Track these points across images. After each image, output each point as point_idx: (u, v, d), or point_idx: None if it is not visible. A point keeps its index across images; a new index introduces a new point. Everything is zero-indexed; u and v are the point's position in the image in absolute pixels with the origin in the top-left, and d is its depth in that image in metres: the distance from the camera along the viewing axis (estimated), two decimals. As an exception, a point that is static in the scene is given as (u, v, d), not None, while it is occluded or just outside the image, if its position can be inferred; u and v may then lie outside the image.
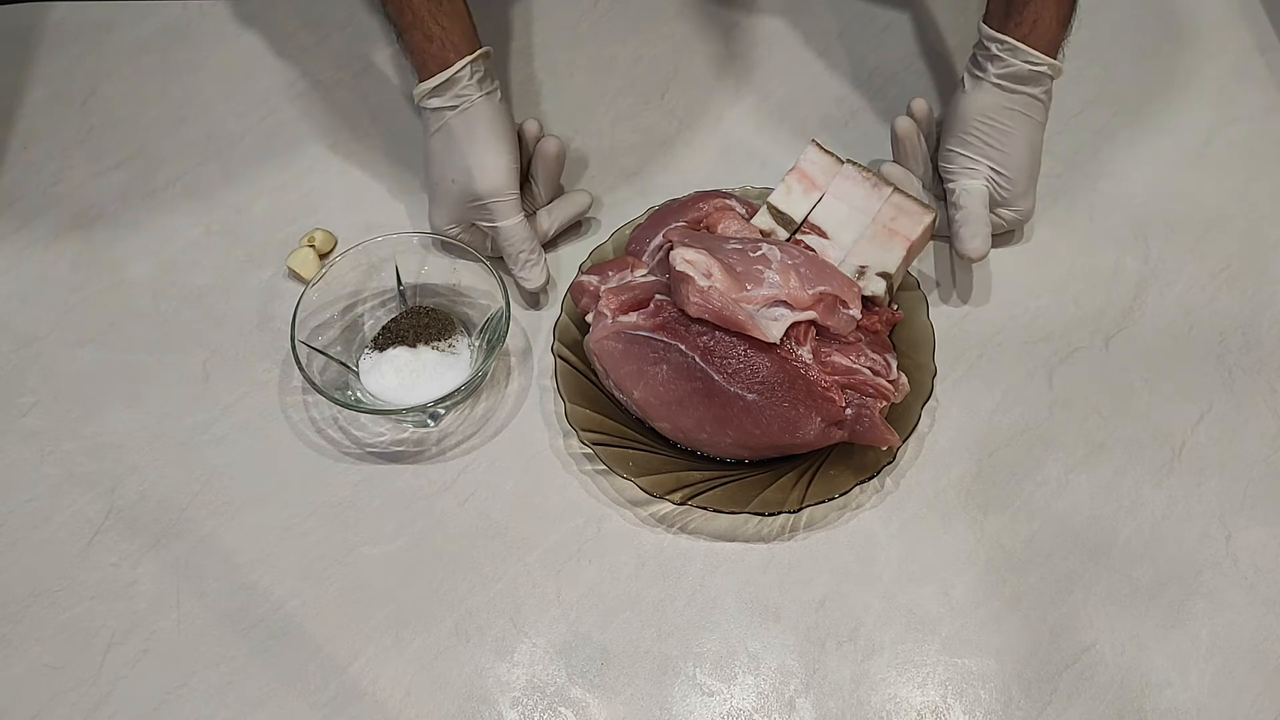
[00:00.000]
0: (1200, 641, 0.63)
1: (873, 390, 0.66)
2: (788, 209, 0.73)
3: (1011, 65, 0.71)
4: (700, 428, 0.67)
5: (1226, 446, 0.70)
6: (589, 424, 0.69)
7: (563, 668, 0.64)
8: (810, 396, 0.65)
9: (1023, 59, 0.71)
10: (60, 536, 0.69)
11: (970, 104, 0.73)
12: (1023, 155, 0.73)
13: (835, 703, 0.63)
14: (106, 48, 0.93)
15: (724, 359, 0.65)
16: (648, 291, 0.69)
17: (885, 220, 0.72)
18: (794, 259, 0.68)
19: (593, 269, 0.73)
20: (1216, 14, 0.91)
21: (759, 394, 0.65)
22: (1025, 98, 0.72)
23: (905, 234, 0.72)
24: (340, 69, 0.91)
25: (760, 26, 0.92)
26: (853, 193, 0.74)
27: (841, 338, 0.67)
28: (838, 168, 0.75)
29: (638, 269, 0.72)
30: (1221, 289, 0.76)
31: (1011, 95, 0.72)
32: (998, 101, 0.72)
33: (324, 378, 0.70)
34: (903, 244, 0.71)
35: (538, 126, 0.79)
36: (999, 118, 0.73)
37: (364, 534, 0.69)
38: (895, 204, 0.73)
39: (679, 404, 0.67)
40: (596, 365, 0.70)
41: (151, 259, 0.81)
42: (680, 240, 0.68)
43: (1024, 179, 0.74)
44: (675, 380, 0.66)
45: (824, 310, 0.66)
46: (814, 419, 0.65)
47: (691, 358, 0.65)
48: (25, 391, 0.75)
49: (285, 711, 0.63)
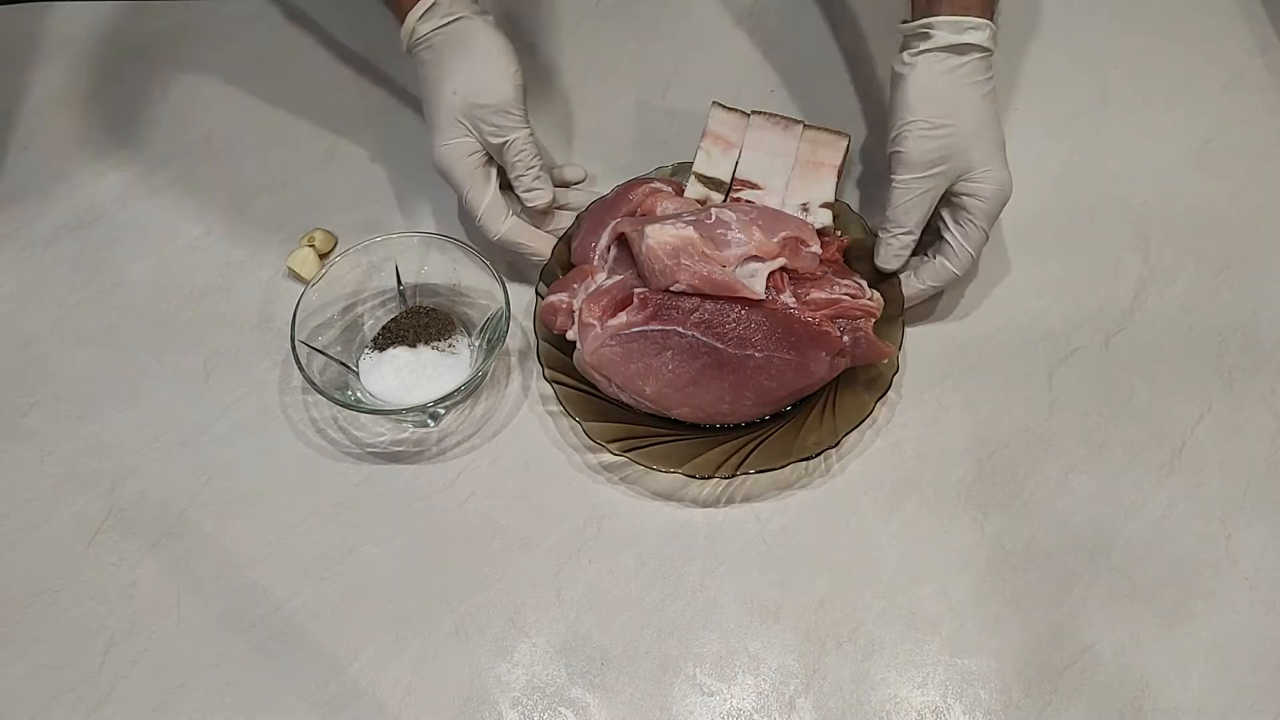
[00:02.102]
0: (1200, 641, 0.63)
1: (859, 311, 0.68)
2: (713, 173, 0.76)
3: (944, 37, 0.67)
4: (720, 400, 0.67)
5: (1226, 446, 0.70)
6: (615, 434, 0.68)
7: (563, 668, 0.64)
8: (810, 336, 0.67)
9: (954, 30, 0.67)
10: (60, 536, 0.69)
11: (903, 87, 0.69)
12: (971, 123, 0.69)
13: (835, 703, 0.63)
14: (106, 48, 0.93)
15: (722, 326, 0.66)
16: (624, 290, 0.69)
17: (807, 156, 0.76)
18: (749, 214, 0.70)
19: (555, 288, 0.72)
20: (1216, 15, 0.91)
21: (764, 349, 0.66)
22: (966, 66, 0.68)
23: (830, 162, 0.75)
24: (340, 69, 0.91)
25: (761, 27, 0.92)
26: (768, 140, 0.77)
27: (810, 274, 0.69)
28: (745, 120, 0.77)
29: (597, 275, 0.72)
30: (1221, 289, 0.76)
31: (947, 69, 0.68)
32: (930, 77, 0.68)
33: (324, 378, 0.70)
34: (831, 172, 0.75)
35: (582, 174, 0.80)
36: (936, 90, 0.68)
37: (364, 534, 0.69)
38: (810, 139, 0.76)
39: (693, 384, 0.67)
40: (595, 376, 0.69)
41: (151, 259, 0.81)
42: (638, 226, 0.68)
43: (979, 145, 0.69)
44: (683, 362, 0.67)
45: (790, 254, 0.69)
46: (820, 355, 0.67)
47: (692, 335, 0.66)
48: (25, 392, 0.75)
49: (285, 711, 0.63)
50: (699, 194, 0.75)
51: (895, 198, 0.70)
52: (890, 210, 0.71)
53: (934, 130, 0.68)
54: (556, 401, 0.70)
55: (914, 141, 0.69)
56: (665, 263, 0.66)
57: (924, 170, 0.69)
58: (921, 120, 0.68)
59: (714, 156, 0.76)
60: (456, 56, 0.72)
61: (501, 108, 0.72)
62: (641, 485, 0.70)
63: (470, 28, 0.73)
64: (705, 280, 0.66)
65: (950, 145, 0.69)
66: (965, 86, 0.69)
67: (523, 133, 0.73)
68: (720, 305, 0.66)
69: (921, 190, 0.69)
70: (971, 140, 0.69)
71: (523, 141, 0.73)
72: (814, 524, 0.68)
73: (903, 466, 0.70)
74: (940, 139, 0.68)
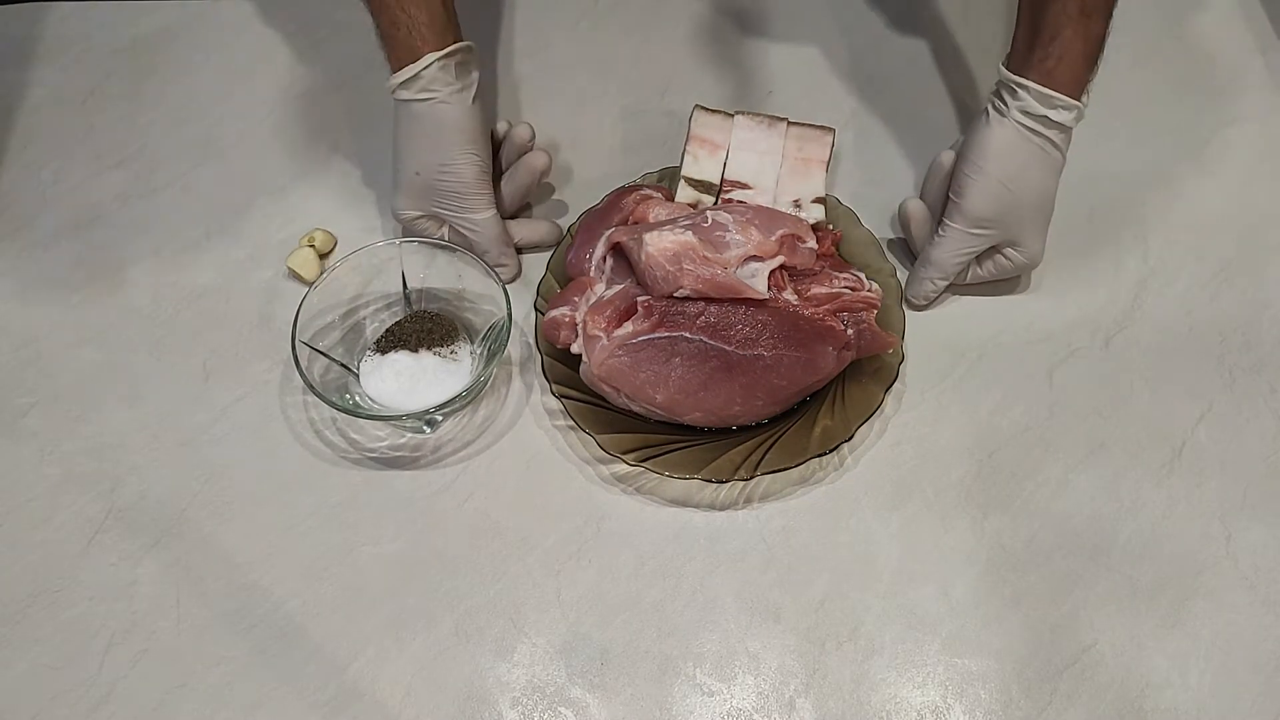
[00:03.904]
0: (1200, 641, 0.63)
1: (861, 304, 0.68)
2: (702, 176, 0.76)
3: (1032, 106, 0.68)
4: (731, 402, 0.67)
5: (1226, 446, 0.70)
6: (629, 445, 0.68)
7: (563, 668, 0.64)
8: (815, 332, 0.67)
9: (1044, 102, 0.68)
10: (60, 536, 0.69)
11: (987, 138, 0.70)
12: (1034, 195, 0.70)
13: (835, 703, 0.63)
14: (106, 48, 0.93)
15: (728, 329, 0.66)
16: (627, 299, 0.68)
17: (794, 153, 0.77)
18: (744, 214, 0.70)
19: (555, 301, 0.71)
20: (1216, 14, 0.91)
21: (772, 348, 0.66)
22: (1044, 140, 0.69)
23: (818, 158, 0.76)
24: (340, 69, 0.91)
25: (761, 27, 0.92)
26: (753, 139, 0.77)
27: (808, 270, 0.70)
28: (729, 121, 0.78)
29: (596, 286, 0.71)
30: (1221, 289, 0.76)
31: (1029, 135, 0.69)
32: (1015, 139, 0.69)
33: (325, 380, 0.70)
34: (819, 168, 0.76)
35: (529, 133, 0.78)
36: (1015, 155, 0.69)
37: (364, 534, 0.69)
38: (796, 135, 0.77)
39: (704, 389, 0.67)
40: (605, 388, 0.68)
41: (151, 259, 0.81)
42: (634, 235, 0.68)
43: (1033, 219, 0.71)
44: (692, 368, 0.67)
45: (788, 251, 0.69)
46: (827, 350, 0.67)
47: (700, 339, 0.66)
48: (25, 392, 0.75)
49: (285, 711, 0.63)
50: (690, 198, 0.75)
51: (941, 243, 0.72)
52: (934, 251, 0.73)
53: (997, 190, 0.70)
54: (564, 415, 0.70)
55: (977, 196, 0.70)
56: (667, 269, 0.66)
57: (975, 226, 0.71)
58: (989, 176, 0.70)
59: (701, 159, 0.77)
60: (424, 137, 0.73)
61: (461, 193, 0.73)
62: (654, 493, 0.70)
63: (441, 114, 0.72)
64: (709, 283, 0.66)
65: (1008, 212, 0.71)
66: (1040, 158, 0.70)
67: (483, 215, 0.74)
68: (725, 308, 0.66)
69: (968, 243, 0.72)
70: (1028, 214, 0.71)
71: (484, 223, 0.74)
72: (814, 524, 0.68)
73: (903, 466, 0.70)
74: (1000, 200, 0.70)
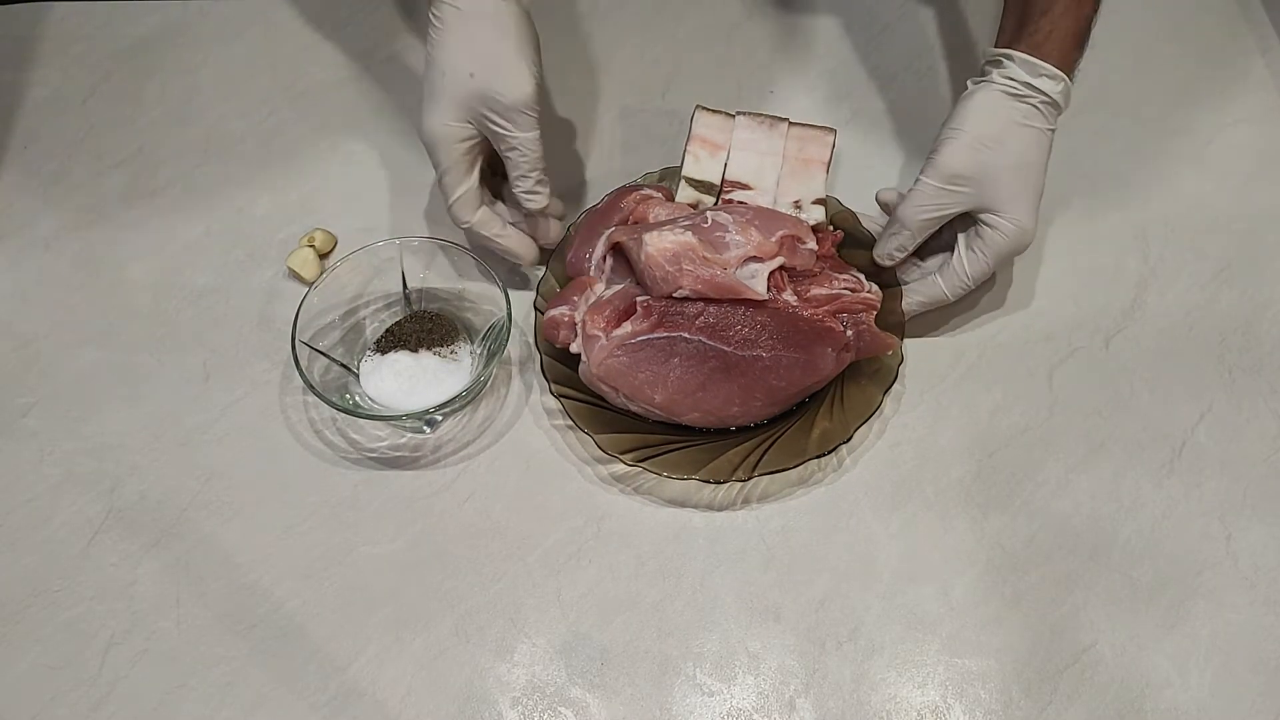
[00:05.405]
0: (1200, 641, 0.63)
1: (860, 305, 0.69)
2: (703, 176, 0.76)
3: (1017, 73, 0.68)
4: (729, 403, 0.67)
5: (1226, 446, 0.70)
6: (627, 445, 0.68)
7: (563, 668, 0.64)
8: (814, 333, 0.67)
9: (1030, 70, 0.67)
10: (60, 536, 0.69)
11: (966, 102, 0.69)
12: (1013, 157, 0.68)
13: (835, 703, 0.63)
14: (106, 48, 0.93)
15: (727, 329, 0.66)
16: (626, 299, 0.68)
17: (795, 154, 0.76)
18: (744, 215, 0.70)
19: (555, 301, 0.71)
20: (1217, 15, 0.91)
21: (771, 349, 0.67)
22: (1029, 106, 0.68)
23: (819, 159, 0.76)
24: (340, 69, 0.91)
25: (760, 26, 0.92)
26: (754, 140, 0.77)
27: (808, 271, 0.70)
28: (730, 121, 0.77)
29: (596, 285, 0.71)
30: (1221, 289, 0.76)
31: (1013, 100, 0.68)
32: (996, 101, 0.68)
33: (325, 379, 0.70)
34: (820, 169, 0.76)
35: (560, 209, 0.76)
36: (995, 116, 0.68)
37: (364, 534, 0.69)
38: (797, 136, 0.77)
39: (702, 389, 0.67)
40: (603, 388, 0.68)
41: (151, 259, 0.81)
42: (634, 235, 0.68)
43: (1014, 184, 0.68)
44: (691, 368, 0.67)
45: (788, 252, 0.69)
46: (826, 351, 0.67)
47: (699, 340, 0.66)
48: (25, 391, 0.75)
49: (285, 711, 0.63)
50: (690, 198, 0.75)
51: (910, 196, 0.70)
52: (902, 207, 0.70)
53: (973, 147, 0.68)
54: (563, 415, 0.70)
55: (949, 150, 0.68)
56: (666, 269, 0.66)
57: (947, 181, 0.68)
58: (965, 133, 0.68)
59: (702, 160, 0.77)
60: (483, 38, 0.68)
61: (518, 108, 0.68)
62: (652, 493, 0.70)
63: (507, 11, 0.68)
64: (708, 284, 0.66)
65: (983, 169, 0.68)
66: (1021, 123, 0.68)
67: (533, 134, 0.69)
68: (724, 308, 0.66)
69: (937, 198, 0.69)
70: (1008, 175, 0.68)
71: (531, 143, 0.70)
72: (814, 524, 0.68)
73: (903, 466, 0.70)
74: (975, 158, 0.68)
